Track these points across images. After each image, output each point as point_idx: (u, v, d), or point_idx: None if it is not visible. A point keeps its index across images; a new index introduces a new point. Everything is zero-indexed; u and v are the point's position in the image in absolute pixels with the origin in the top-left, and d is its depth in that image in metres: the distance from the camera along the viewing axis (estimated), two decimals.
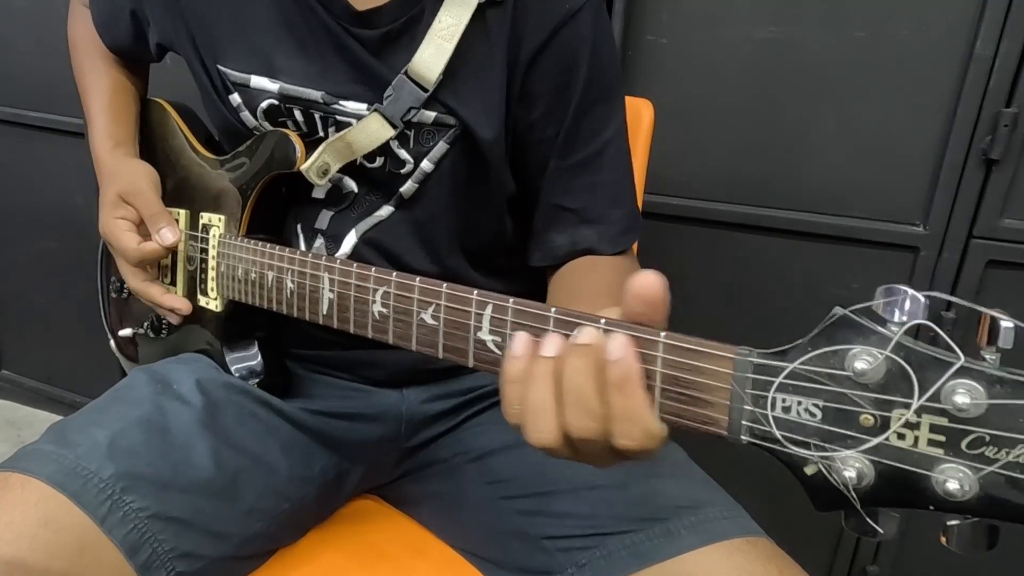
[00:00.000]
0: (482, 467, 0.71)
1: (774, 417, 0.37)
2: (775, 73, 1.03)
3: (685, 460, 0.66)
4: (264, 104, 0.69)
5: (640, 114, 0.93)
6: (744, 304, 1.13)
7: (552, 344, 0.42)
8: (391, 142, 0.67)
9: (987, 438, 0.31)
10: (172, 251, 0.74)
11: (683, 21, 1.05)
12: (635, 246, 0.76)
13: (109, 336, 0.89)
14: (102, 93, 0.82)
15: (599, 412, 0.41)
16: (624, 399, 0.40)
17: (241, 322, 0.72)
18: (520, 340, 0.43)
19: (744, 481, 0.67)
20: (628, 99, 0.90)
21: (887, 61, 0.98)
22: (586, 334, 0.41)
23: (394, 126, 0.65)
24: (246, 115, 0.70)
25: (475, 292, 0.48)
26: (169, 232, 0.72)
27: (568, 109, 0.68)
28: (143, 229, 0.73)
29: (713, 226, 1.11)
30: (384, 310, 0.54)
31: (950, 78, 0.96)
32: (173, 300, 0.74)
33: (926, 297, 0.34)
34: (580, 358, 0.41)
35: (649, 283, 0.40)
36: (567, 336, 0.43)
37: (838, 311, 0.35)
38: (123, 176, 0.75)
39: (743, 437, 0.38)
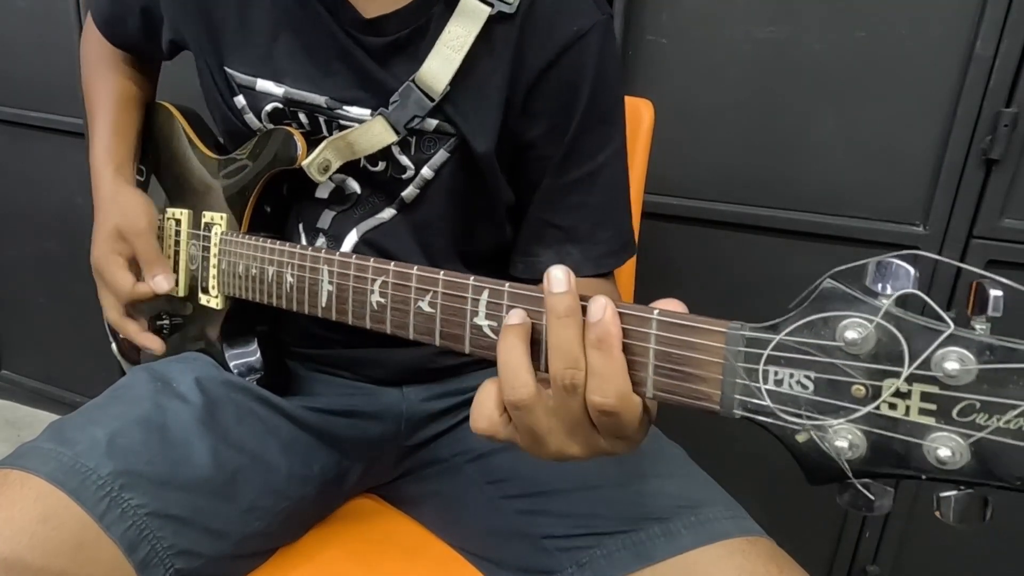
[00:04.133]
0: (482, 466, 0.71)
1: (766, 390, 0.37)
2: (775, 73, 1.03)
3: (685, 460, 0.66)
4: (268, 107, 0.69)
5: (640, 114, 0.93)
6: (744, 304, 1.13)
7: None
8: (393, 148, 0.67)
9: (977, 404, 0.32)
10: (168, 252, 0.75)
11: (683, 21, 1.05)
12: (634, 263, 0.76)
13: (111, 339, 0.89)
14: (107, 106, 0.82)
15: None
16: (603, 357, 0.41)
17: (241, 320, 0.73)
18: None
19: (744, 481, 0.67)
20: (628, 99, 0.90)
21: (887, 61, 0.98)
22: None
23: (397, 132, 0.65)
24: (250, 117, 0.71)
25: (471, 278, 0.48)
26: (164, 280, 0.73)
27: (568, 129, 0.68)
28: (135, 267, 0.74)
29: (713, 226, 1.11)
30: (382, 300, 0.54)
31: (950, 78, 0.96)
32: (149, 340, 0.76)
33: (914, 266, 0.34)
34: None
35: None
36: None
37: (827, 282, 0.35)
38: (123, 210, 0.75)
39: (736, 411, 0.38)
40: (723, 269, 1.13)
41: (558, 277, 0.42)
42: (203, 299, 0.74)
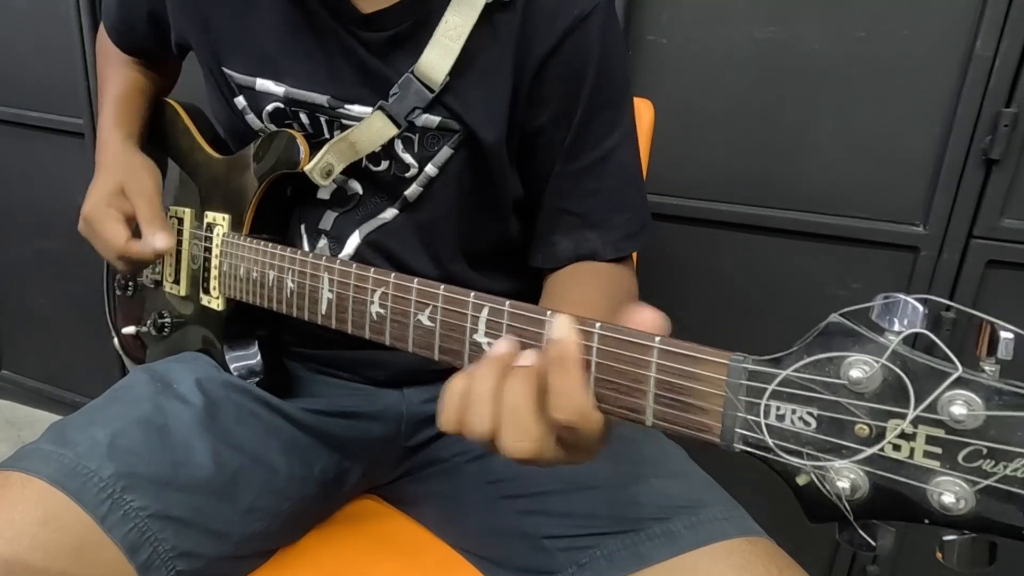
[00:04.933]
0: (482, 467, 0.71)
1: (767, 425, 0.36)
2: (775, 73, 1.03)
3: (685, 460, 0.66)
4: (270, 107, 0.69)
5: (640, 114, 0.93)
6: (744, 304, 1.13)
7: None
8: (396, 146, 0.67)
9: (984, 451, 0.31)
10: (160, 255, 0.71)
11: (683, 21, 1.05)
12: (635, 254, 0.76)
13: (113, 334, 0.90)
14: (116, 87, 0.82)
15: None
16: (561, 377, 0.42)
17: (242, 321, 0.72)
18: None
19: (744, 481, 0.67)
20: None
21: (887, 61, 0.98)
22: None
23: (397, 125, 0.65)
24: (251, 117, 0.70)
25: (472, 294, 0.48)
26: (162, 239, 0.69)
27: (575, 114, 0.68)
28: (133, 227, 0.72)
29: (713, 226, 1.11)
30: (382, 311, 0.54)
31: (950, 78, 0.96)
32: (161, 240, 0.69)
33: (924, 305, 0.33)
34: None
35: (647, 319, 0.42)
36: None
37: (833, 317, 0.34)
38: (131, 169, 0.74)
39: (736, 445, 0.38)
40: (723, 269, 1.13)
41: (561, 324, 0.43)
42: (204, 299, 0.74)
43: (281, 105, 0.69)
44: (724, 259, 1.13)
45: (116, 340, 0.90)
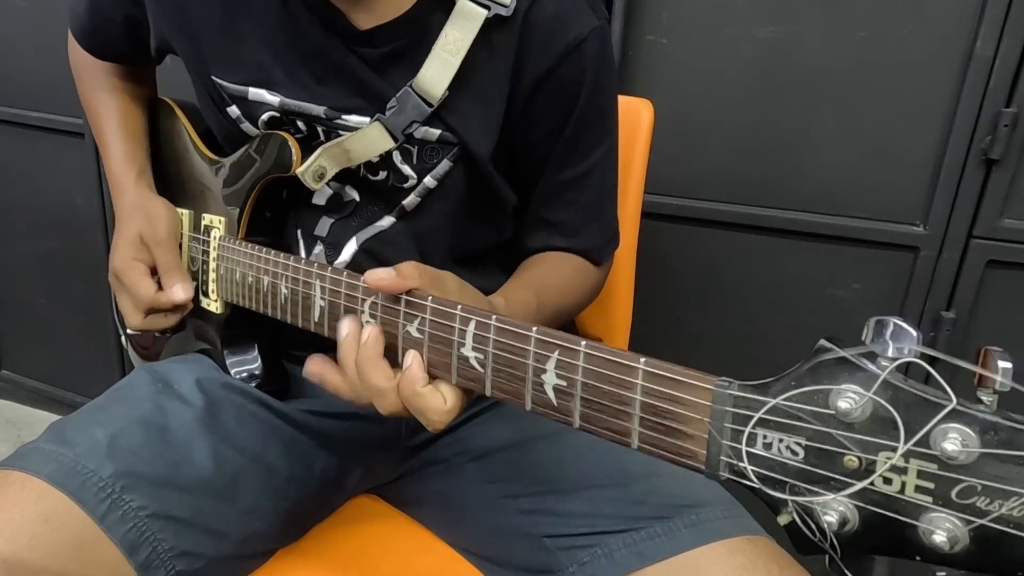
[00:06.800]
0: (483, 466, 0.71)
1: (753, 453, 0.35)
2: (775, 73, 1.03)
3: None
4: (265, 116, 0.69)
5: (640, 114, 0.93)
6: (744, 304, 1.13)
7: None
8: (394, 157, 0.67)
9: (979, 487, 0.29)
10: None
11: (683, 21, 1.05)
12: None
13: (121, 331, 0.90)
14: (114, 113, 0.81)
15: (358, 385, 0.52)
16: (370, 374, 0.51)
17: (241, 325, 0.72)
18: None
19: None
20: (628, 99, 0.90)
21: (887, 61, 0.98)
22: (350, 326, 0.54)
23: (395, 138, 0.65)
24: (247, 126, 0.70)
25: (459, 307, 0.48)
26: (181, 289, 0.70)
27: (565, 130, 0.69)
28: (156, 276, 0.73)
29: (713, 226, 1.11)
30: (372, 320, 0.54)
31: (950, 78, 0.96)
32: (180, 291, 0.71)
33: (918, 330, 0.32)
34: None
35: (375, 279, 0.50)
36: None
37: (822, 343, 0.33)
38: (147, 217, 0.74)
39: (721, 473, 0.36)
40: (723, 269, 1.13)
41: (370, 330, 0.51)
42: (204, 302, 0.74)
43: (277, 114, 0.69)
44: (723, 259, 1.13)
45: (123, 337, 0.90)
